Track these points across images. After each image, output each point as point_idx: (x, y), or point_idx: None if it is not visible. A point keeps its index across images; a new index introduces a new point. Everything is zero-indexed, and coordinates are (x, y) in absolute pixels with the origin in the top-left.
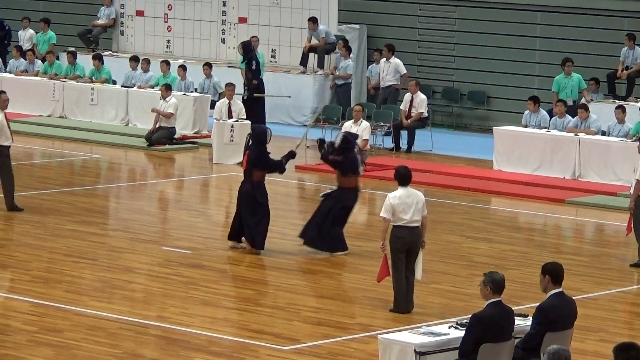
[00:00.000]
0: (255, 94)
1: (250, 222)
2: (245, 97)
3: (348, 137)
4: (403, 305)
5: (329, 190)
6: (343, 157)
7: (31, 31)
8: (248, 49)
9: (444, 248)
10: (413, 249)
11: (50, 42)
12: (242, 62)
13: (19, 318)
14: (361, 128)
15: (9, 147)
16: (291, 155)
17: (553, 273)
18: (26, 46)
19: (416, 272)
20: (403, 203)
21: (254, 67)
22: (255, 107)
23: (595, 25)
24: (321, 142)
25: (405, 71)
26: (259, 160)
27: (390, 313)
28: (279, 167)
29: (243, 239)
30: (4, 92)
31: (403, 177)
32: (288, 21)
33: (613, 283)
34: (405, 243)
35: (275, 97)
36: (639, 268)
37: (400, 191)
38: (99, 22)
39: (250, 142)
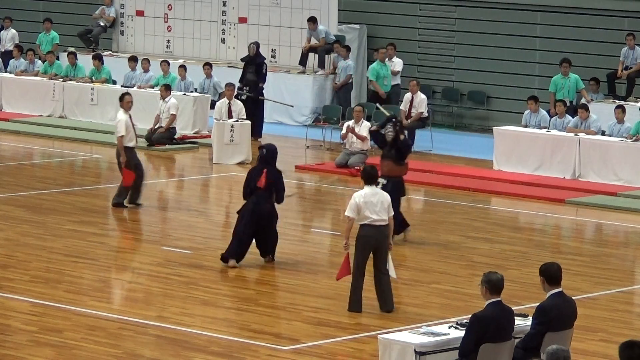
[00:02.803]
0: (260, 97)
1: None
2: (244, 97)
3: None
4: (357, 304)
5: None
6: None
7: (13, 31)
8: (259, 51)
9: (444, 248)
10: (380, 248)
11: (54, 42)
12: (242, 59)
13: (19, 318)
14: (362, 128)
15: (132, 148)
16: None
17: (547, 274)
18: (7, 46)
19: (390, 271)
20: (368, 202)
21: (264, 70)
22: (256, 108)
23: (595, 25)
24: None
25: (400, 69)
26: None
27: (390, 313)
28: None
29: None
30: (128, 93)
31: (369, 176)
32: (288, 21)
33: (613, 283)
34: (371, 242)
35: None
36: None
37: (365, 190)
38: (102, 15)
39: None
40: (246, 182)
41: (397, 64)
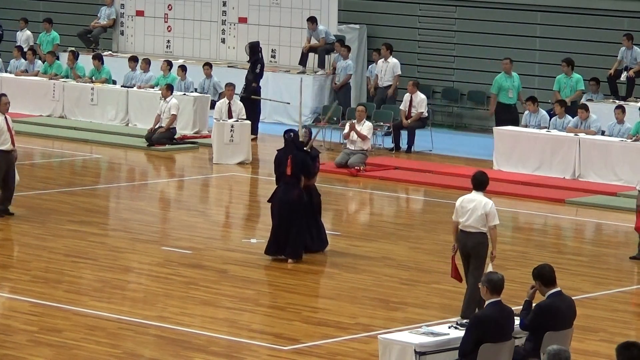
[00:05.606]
0: (252, 96)
1: None
2: (242, 96)
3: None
4: (472, 309)
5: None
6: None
7: (28, 32)
8: (255, 50)
9: (444, 248)
10: (473, 255)
11: (54, 42)
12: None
13: (19, 318)
14: (365, 128)
15: (8, 152)
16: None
17: (541, 277)
18: (24, 47)
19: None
20: (463, 207)
21: (257, 70)
22: (252, 107)
23: (595, 25)
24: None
25: (399, 72)
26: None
27: (390, 313)
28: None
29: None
30: (4, 94)
31: (477, 182)
32: (288, 21)
33: (613, 283)
34: (462, 247)
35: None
36: (638, 261)
37: (469, 195)
38: (99, 22)
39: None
40: (275, 167)
41: (393, 64)
